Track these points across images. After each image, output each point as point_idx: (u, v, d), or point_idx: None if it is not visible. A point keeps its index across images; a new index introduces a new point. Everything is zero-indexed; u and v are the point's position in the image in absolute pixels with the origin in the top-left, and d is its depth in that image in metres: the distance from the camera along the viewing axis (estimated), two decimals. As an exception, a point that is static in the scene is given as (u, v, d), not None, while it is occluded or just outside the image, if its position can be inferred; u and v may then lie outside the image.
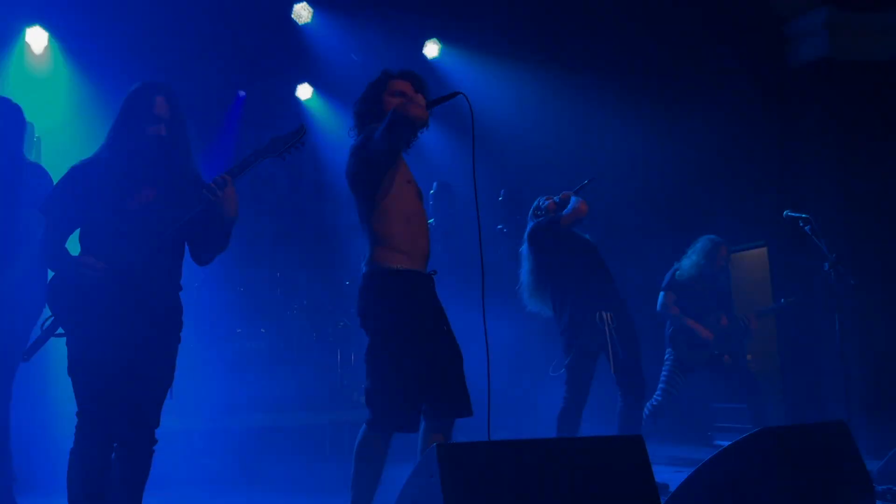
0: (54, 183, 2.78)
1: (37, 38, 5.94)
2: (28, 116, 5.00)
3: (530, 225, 4.68)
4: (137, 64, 5.75)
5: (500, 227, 6.74)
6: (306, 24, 6.71)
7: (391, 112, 2.78)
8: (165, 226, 2.60)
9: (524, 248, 4.67)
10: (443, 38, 7.09)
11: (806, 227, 4.49)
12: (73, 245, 2.68)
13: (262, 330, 6.33)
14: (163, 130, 2.65)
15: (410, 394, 2.83)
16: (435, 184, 6.50)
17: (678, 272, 5.33)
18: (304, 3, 6.63)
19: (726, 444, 2.88)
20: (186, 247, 2.79)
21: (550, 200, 4.68)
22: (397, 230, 2.90)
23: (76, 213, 2.62)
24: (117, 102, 2.73)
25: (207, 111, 6.29)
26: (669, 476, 4.19)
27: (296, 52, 6.80)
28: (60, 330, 2.56)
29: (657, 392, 5.37)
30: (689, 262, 5.36)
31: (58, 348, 2.62)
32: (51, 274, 2.65)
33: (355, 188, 2.99)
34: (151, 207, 2.62)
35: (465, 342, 3.01)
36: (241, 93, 6.77)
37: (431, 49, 7.11)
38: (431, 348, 2.88)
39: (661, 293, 5.38)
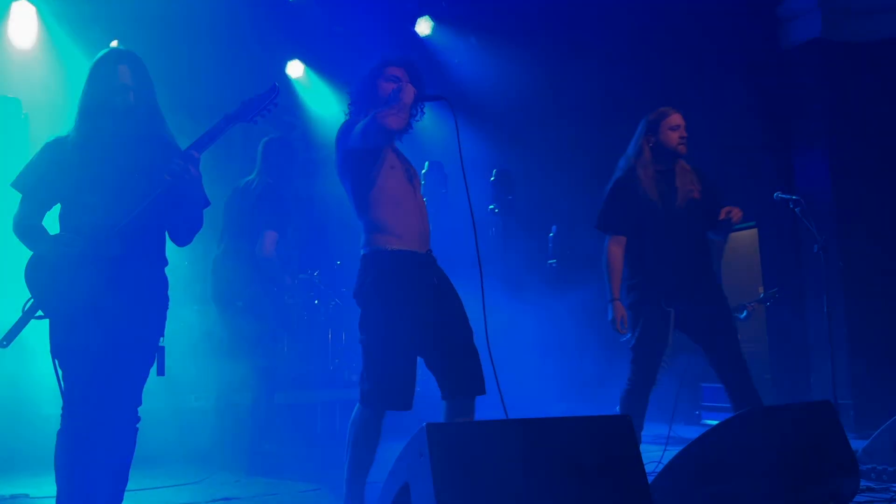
0: None
1: (23, 12, 5.86)
2: (15, 93, 4.95)
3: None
4: (125, 39, 5.67)
5: (491, 206, 6.73)
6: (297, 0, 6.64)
7: (371, 117, 2.87)
8: (142, 200, 2.53)
9: None
10: (435, 16, 7.03)
11: (796, 209, 4.51)
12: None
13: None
14: (131, 98, 2.58)
15: (400, 372, 2.88)
16: (427, 163, 6.47)
17: None
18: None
19: (714, 423, 2.91)
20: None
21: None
22: (387, 214, 2.96)
23: (51, 189, 2.56)
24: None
25: (195, 87, 6.21)
26: (657, 455, 4.23)
27: (286, 28, 6.73)
28: (41, 312, 2.50)
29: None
30: None
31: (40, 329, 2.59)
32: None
33: (341, 177, 3.07)
34: (128, 180, 2.54)
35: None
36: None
37: (424, 26, 7.06)
38: (432, 327, 2.94)
39: None
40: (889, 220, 6.22)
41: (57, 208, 2.64)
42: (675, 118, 3.82)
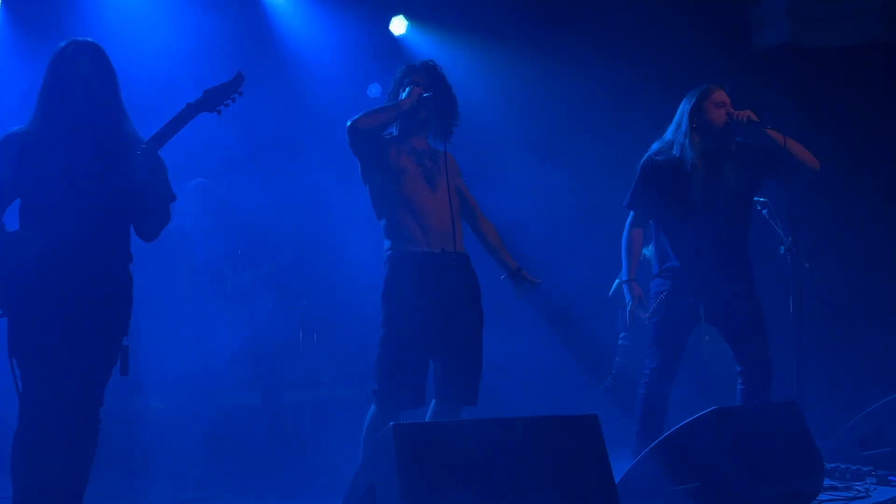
0: None
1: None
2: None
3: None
4: (99, 29, 5.56)
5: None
6: (269, -3, 6.57)
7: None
8: (105, 195, 2.48)
9: None
10: (409, 15, 7.00)
11: (763, 211, 4.56)
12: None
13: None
14: (92, 90, 2.53)
15: (408, 370, 2.96)
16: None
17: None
18: (267, -25, 6.49)
19: (680, 423, 2.93)
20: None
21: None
22: (399, 216, 3.05)
23: (10, 185, 2.51)
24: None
25: (158, 79, 6.11)
26: (624, 454, 4.24)
27: (258, 26, 6.66)
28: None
29: (609, 378, 5.45)
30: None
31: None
32: None
33: (364, 182, 3.20)
34: (90, 176, 2.49)
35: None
36: None
37: (398, 25, 7.02)
38: (440, 329, 3.00)
39: (616, 281, 5.41)
40: (856, 223, 6.31)
41: (17, 204, 2.58)
42: (720, 94, 3.57)
